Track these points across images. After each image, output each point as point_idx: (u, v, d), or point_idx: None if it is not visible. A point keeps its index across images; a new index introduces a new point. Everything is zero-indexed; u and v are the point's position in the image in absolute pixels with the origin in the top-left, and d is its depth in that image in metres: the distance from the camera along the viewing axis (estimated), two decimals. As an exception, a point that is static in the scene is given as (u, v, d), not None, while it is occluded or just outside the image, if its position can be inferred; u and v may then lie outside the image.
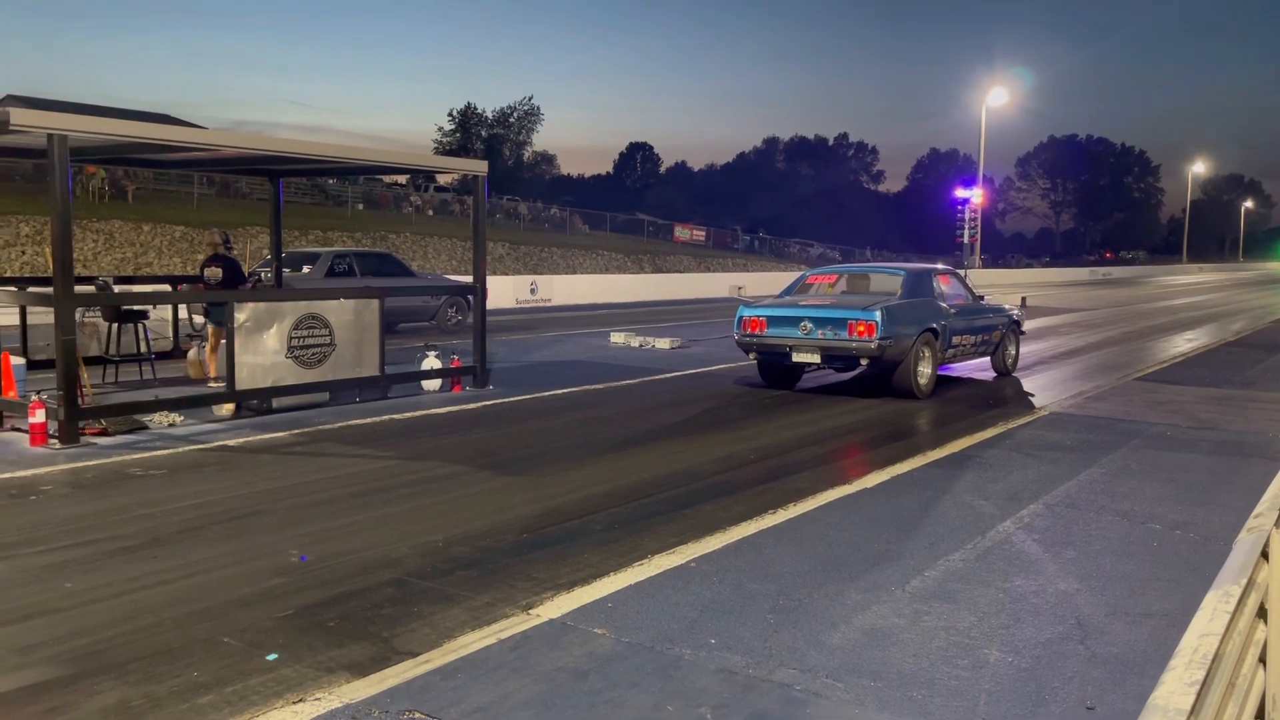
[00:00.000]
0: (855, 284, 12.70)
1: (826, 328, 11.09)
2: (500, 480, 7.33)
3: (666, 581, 5.04)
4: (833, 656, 4.16)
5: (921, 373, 11.43)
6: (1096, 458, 8.21)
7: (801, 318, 11.29)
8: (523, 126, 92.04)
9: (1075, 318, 26.64)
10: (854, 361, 11.22)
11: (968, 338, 12.55)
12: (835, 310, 11.19)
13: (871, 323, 10.81)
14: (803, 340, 11.21)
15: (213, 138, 9.63)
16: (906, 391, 11.30)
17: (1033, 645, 4.31)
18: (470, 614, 4.61)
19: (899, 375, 11.26)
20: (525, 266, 39.97)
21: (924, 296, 11.92)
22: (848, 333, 10.94)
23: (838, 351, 11.06)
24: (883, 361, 11.06)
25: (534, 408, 10.55)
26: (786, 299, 12.26)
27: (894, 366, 11.19)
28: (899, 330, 11.00)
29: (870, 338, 10.80)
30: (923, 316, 11.53)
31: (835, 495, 6.86)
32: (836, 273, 13.48)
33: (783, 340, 11.38)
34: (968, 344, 12.63)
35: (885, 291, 11.98)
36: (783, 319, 11.46)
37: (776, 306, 11.82)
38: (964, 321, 12.42)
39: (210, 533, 5.85)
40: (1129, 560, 5.53)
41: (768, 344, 11.56)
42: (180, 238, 29.52)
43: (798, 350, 11.28)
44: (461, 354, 12.18)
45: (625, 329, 18.23)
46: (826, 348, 11.08)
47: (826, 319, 11.13)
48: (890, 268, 13.12)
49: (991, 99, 43.62)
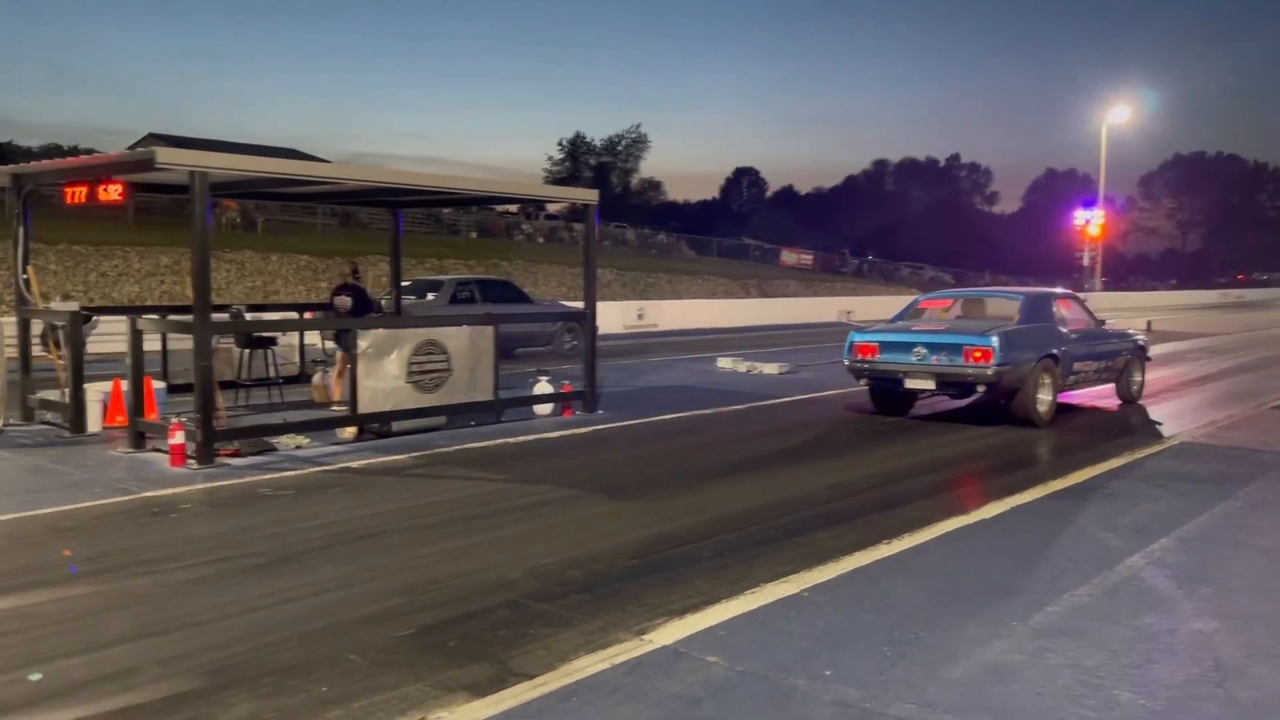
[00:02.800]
0: (971, 308, 12.47)
1: (941, 353, 10.85)
2: (611, 504, 7.40)
3: (779, 610, 5.01)
4: (951, 692, 4.06)
5: (1041, 400, 11.06)
6: (1232, 490, 7.82)
7: (915, 343, 11.08)
8: (630, 154, 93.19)
9: (1205, 343, 25.41)
10: (970, 388, 11.04)
11: (1090, 364, 12.14)
12: (950, 335, 10.97)
13: (989, 348, 10.53)
14: (916, 366, 11.02)
15: (338, 171, 10.06)
16: (1025, 420, 10.96)
17: (1166, 687, 4.13)
18: (584, 637, 4.66)
19: (1018, 403, 10.93)
20: (632, 292, 40.30)
21: (1043, 321, 11.61)
22: (963, 359, 10.69)
23: (953, 378, 10.85)
24: (1000, 388, 10.75)
25: (643, 432, 10.62)
26: (899, 324, 12.13)
27: (1012, 394, 10.86)
28: (1017, 356, 10.68)
29: (987, 364, 10.53)
30: (1042, 342, 11.18)
31: (952, 526, 6.70)
32: (951, 297, 13.25)
33: (895, 366, 11.20)
34: (1090, 370, 12.21)
35: (1002, 316, 11.69)
36: (896, 344, 11.27)
37: (889, 332, 11.68)
38: (1085, 347, 12.03)
39: (335, 552, 6.07)
40: (1270, 599, 5.24)
41: (880, 370, 11.37)
42: (305, 266, 30.78)
43: (910, 376, 11.09)
44: (572, 379, 12.35)
45: (732, 354, 18.20)
46: (941, 374, 10.87)
47: (941, 344, 10.90)
48: (1007, 292, 12.77)
49: (1113, 116, 42.14)
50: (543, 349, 19.06)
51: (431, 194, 12.14)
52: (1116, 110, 42.26)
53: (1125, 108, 42.62)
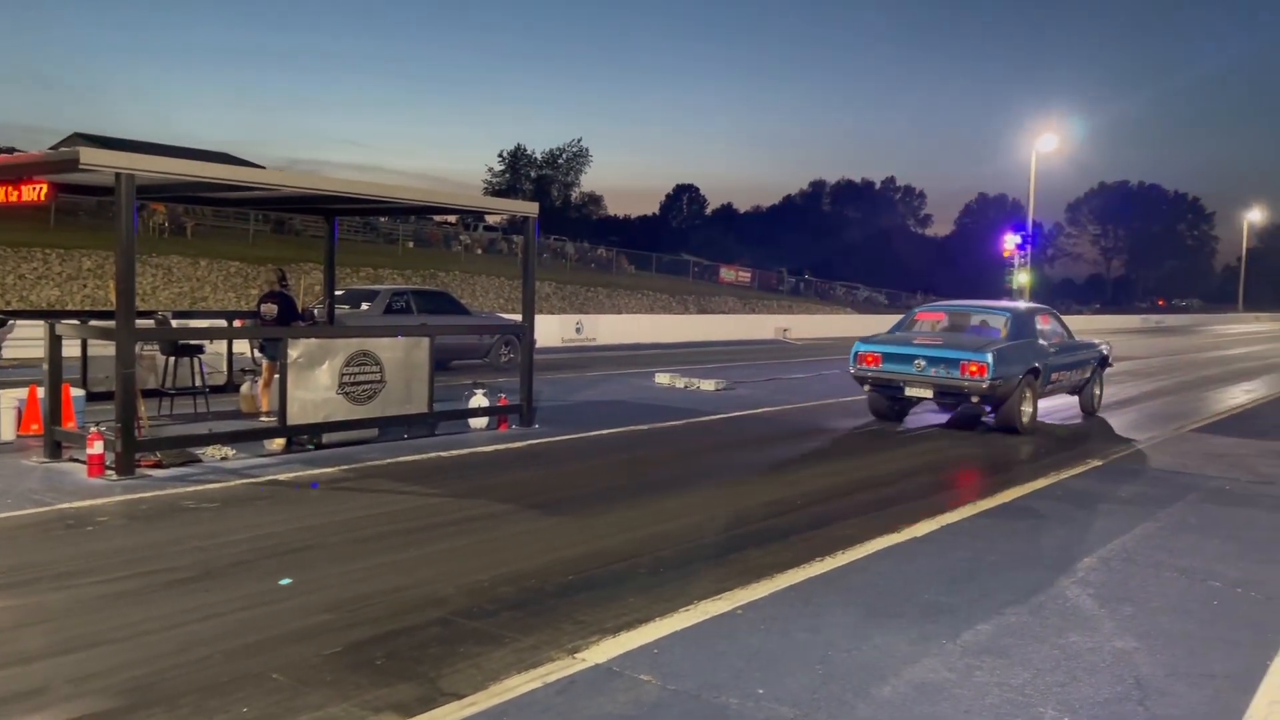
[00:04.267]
0: (961, 321, 13.32)
1: (940, 366, 11.67)
2: (545, 520, 7.34)
3: (713, 628, 5.00)
4: (882, 711, 4.08)
5: (1024, 411, 12.05)
6: (1153, 511, 8.03)
7: (915, 355, 11.88)
8: (571, 168, 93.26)
9: (1128, 366, 26.16)
10: (964, 398, 11.83)
11: (1064, 375, 13.19)
12: (948, 350, 11.77)
13: (984, 364, 11.39)
14: (916, 377, 11.81)
15: (273, 178, 9.87)
16: (1009, 427, 11.92)
17: (1090, 705, 4.20)
18: (516, 656, 4.60)
19: (1004, 412, 11.90)
20: (571, 306, 40.23)
21: (1028, 337, 12.57)
22: (960, 372, 11.53)
23: (950, 389, 11.69)
24: (993, 399, 11.70)
25: (579, 447, 10.57)
26: (899, 335, 12.95)
27: (1000, 403, 11.82)
28: (1007, 370, 11.59)
29: (982, 378, 11.39)
30: (1027, 356, 12.09)
31: (885, 544, 6.77)
32: (943, 310, 14.06)
33: (897, 376, 11.98)
34: (1063, 381, 13.29)
35: (992, 330, 12.73)
36: (898, 356, 12.05)
37: (891, 344, 12.41)
38: (1061, 359, 13.05)
39: (260, 567, 5.91)
40: (1189, 619, 5.38)
41: (882, 378, 12.18)
42: (235, 273, 30.16)
43: (911, 385, 11.91)
44: (508, 392, 12.25)
45: (670, 370, 18.24)
46: (939, 385, 11.71)
47: (940, 358, 11.71)
48: (996, 307, 13.66)
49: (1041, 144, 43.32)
50: (479, 361, 18.89)
51: (368, 202, 11.97)
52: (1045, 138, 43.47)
53: (1053, 136, 43.85)
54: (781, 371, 20.98)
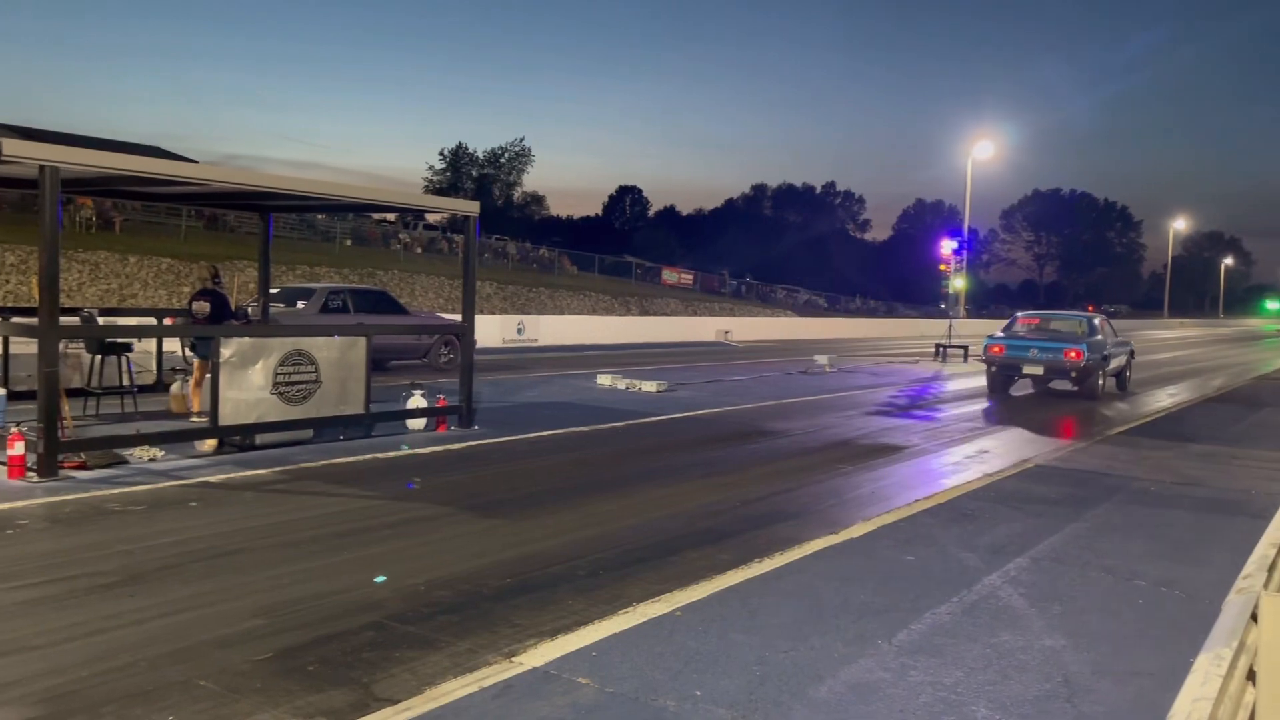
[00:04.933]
0: (1053, 324, 18.95)
1: (1048, 353, 17.24)
2: (484, 523, 7.27)
3: (651, 630, 4.99)
4: (817, 712, 4.11)
5: (1098, 384, 17.57)
6: (1081, 512, 8.22)
7: (1030, 345, 17.54)
8: (513, 167, 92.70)
9: (1058, 370, 26.77)
10: (1065, 374, 17.41)
11: (1116, 361, 18.77)
12: (1053, 342, 17.44)
13: (1081, 351, 17.05)
14: (1030, 359, 17.36)
15: (204, 172, 9.64)
16: (1090, 394, 17.58)
17: (1020, 703, 4.28)
18: (452, 660, 4.55)
19: (1088, 384, 17.49)
20: (513, 306, 40.00)
21: (1098, 334, 18.05)
22: (1064, 356, 17.10)
23: (1055, 367, 17.27)
24: (1082, 372, 17.14)
25: (519, 449, 10.51)
26: (1011, 332, 18.57)
27: (1087, 378, 17.30)
28: (1092, 356, 17.09)
29: (1079, 361, 16.98)
30: (1100, 347, 17.58)
31: (822, 545, 6.83)
32: (1038, 316, 19.81)
33: (1018, 360, 17.55)
34: (1113, 365, 18.53)
35: (1078, 330, 18.21)
36: (1017, 346, 17.69)
37: (1010, 339, 18.08)
38: (1114, 350, 18.55)
39: (189, 571, 5.77)
40: (1114, 618, 5.51)
41: (1006, 361, 17.73)
42: (166, 270, 29.44)
43: (1027, 365, 17.46)
44: (447, 393, 12.13)
45: (612, 371, 18.22)
46: (1048, 365, 17.27)
47: (1048, 347, 17.34)
48: (1075, 315, 20.13)
49: (977, 151, 44.20)
50: (418, 362, 18.68)
51: (304, 199, 11.76)
52: (981, 145, 44.35)
53: (989, 143, 44.76)
54: (723, 374, 21.09)
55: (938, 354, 29.24)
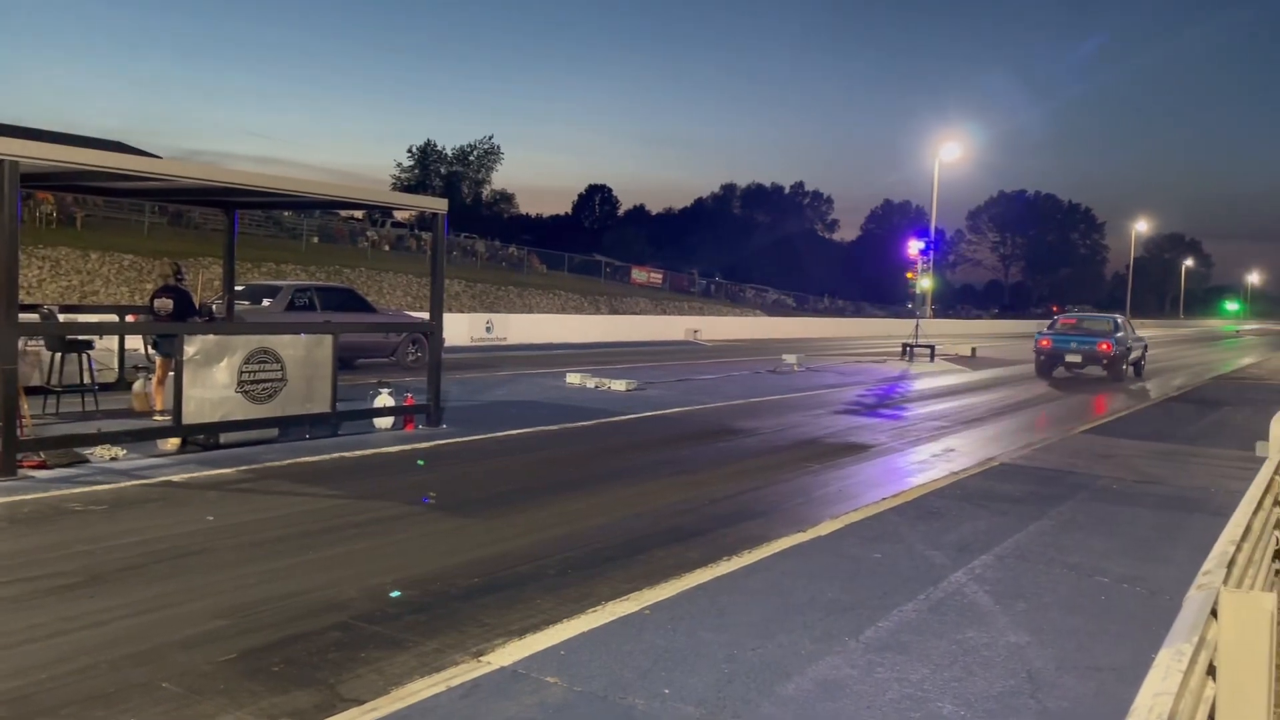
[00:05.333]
0: (1086, 324, 24.97)
1: (1086, 345, 22.69)
2: (451, 522, 7.23)
3: (620, 629, 4.99)
4: (785, 708, 4.13)
5: (1122, 369, 23.22)
6: (1045, 510, 8.32)
7: (1070, 340, 23.11)
8: (482, 165, 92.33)
9: (1024, 369, 27.08)
10: (1098, 361, 22.63)
11: (1134, 352, 24.30)
12: (1088, 337, 22.99)
13: (1110, 343, 22.54)
14: (1071, 350, 22.76)
15: (168, 168, 9.52)
16: (1117, 377, 22.96)
17: (984, 698, 4.32)
18: (419, 660, 4.52)
19: (1115, 369, 22.91)
20: (481, 304, 39.83)
21: (1122, 331, 23.61)
22: (1097, 348, 22.50)
23: (1091, 356, 22.58)
24: (1111, 361, 22.59)
25: (487, 448, 10.46)
26: (1054, 329, 24.29)
27: (1114, 365, 22.77)
28: (1119, 348, 22.62)
29: (1110, 351, 22.48)
30: (1124, 341, 23.24)
31: (790, 543, 6.85)
32: (1075, 318, 26.59)
33: (1061, 350, 22.92)
34: (1131, 355, 23.99)
35: (1107, 328, 23.76)
36: (1060, 340, 23.19)
37: (1055, 334, 23.69)
38: (1133, 344, 24.25)
39: (151, 572, 5.69)
40: (1078, 614, 5.58)
41: (1052, 352, 23.06)
42: (129, 266, 29.03)
43: (1069, 354, 22.75)
44: (415, 392, 12.05)
45: (581, 370, 18.19)
46: (1085, 354, 22.63)
47: (1085, 341, 22.86)
48: (1104, 316, 27.02)
49: (944, 153, 44.56)
50: (385, 360, 18.56)
51: (269, 196, 11.65)
52: (948, 147, 44.72)
53: (956, 145, 45.14)
54: (692, 372, 21.12)
55: (905, 353, 29.47)
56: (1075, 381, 22.90)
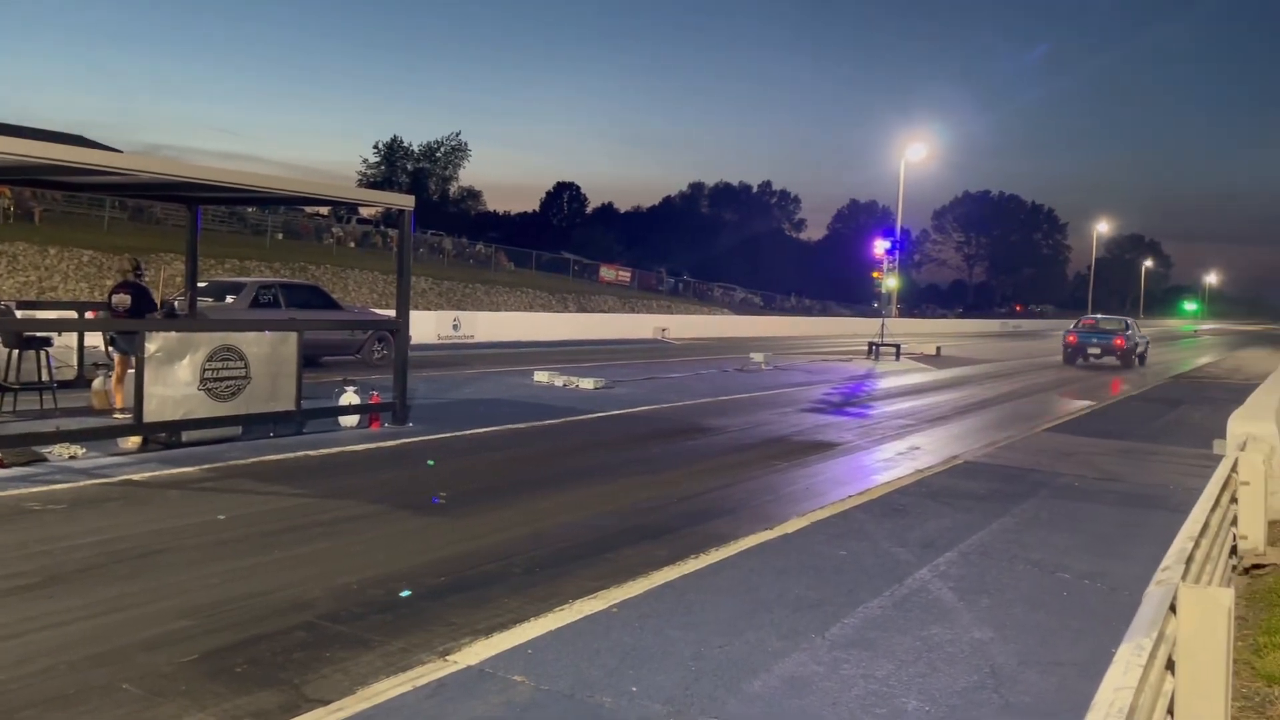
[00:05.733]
0: (1103, 325, 30.69)
1: (1104, 341, 28.68)
2: (418, 521, 7.19)
3: (587, 627, 4.99)
4: (752, 705, 4.15)
5: (1133, 360, 28.88)
6: (1008, 507, 8.41)
7: (1092, 336, 29.03)
8: (449, 161, 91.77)
9: (988, 368, 27.40)
10: (1114, 353, 28.34)
11: (1140, 347, 30.27)
12: (1107, 334, 29.12)
13: (1124, 339, 28.55)
14: (1092, 344, 28.56)
15: (129, 162, 9.38)
16: (1128, 366, 28.36)
17: (948, 694, 4.37)
18: (385, 660, 4.49)
19: (1126, 360, 28.45)
20: (448, 302, 39.62)
21: (1131, 330, 29.44)
22: (1113, 343, 28.47)
23: (1108, 349, 28.37)
24: (1123, 352, 28.18)
25: (454, 446, 10.41)
26: (1079, 328, 30.25)
27: (1126, 356, 28.29)
28: (1129, 343, 28.50)
29: (1123, 346, 28.34)
30: (1133, 338, 29.09)
31: (758, 540, 6.88)
32: (1094, 319, 32.58)
33: (1084, 344, 28.75)
34: (1139, 349, 29.96)
35: (1120, 328, 29.79)
36: (1084, 336, 29.10)
37: (1080, 332, 29.58)
38: (1140, 340, 30.08)
39: (112, 572, 5.61)
40: (1040, 609, 5.65)
41: (1078, 345, 28.90)
42: (89, 262, 28.58)
43: (1090, 347, 28.47)
44: (381, 389, 11.97)
45: (549, 368, 18.15)
46: (1103, 348, 28.41)
47: (1104, 337, 28.96)
48: (1116, 318, 33.22)
49: (910, 153, 44.95)
50: (352, 358, 18.41)
51: (232, 191, 11.50)
52: (914, 147, 45.09)
53: (922, 145, 45.53)
54: (660, 371, 21.15)
55: (870, 352, 29.69)
56: (1038, 381, 23.17)
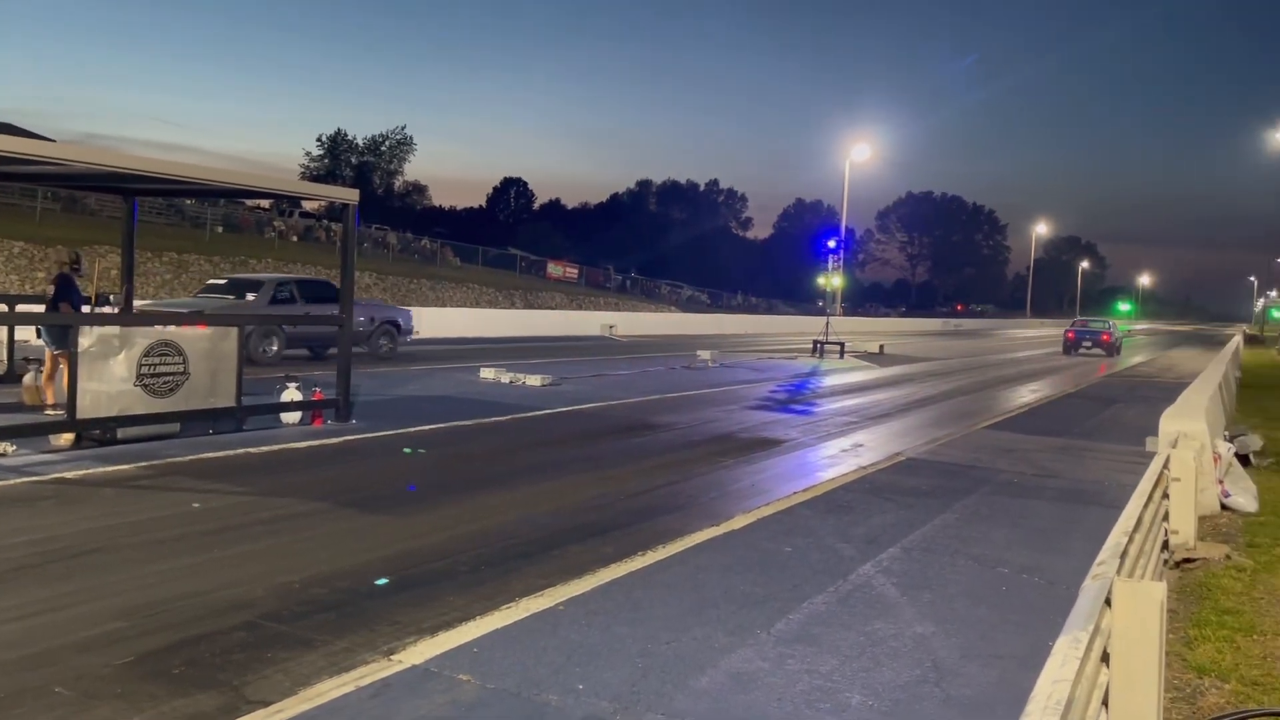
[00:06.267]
0: (1093, 324, 42.09)
1: (1095, 334, 39.66)
2: (362, 519, 7.10)
3: (534, 625, 4.97)
4: (699, 701, 4.16)
5: (1117, 350, 38.89)
6: (950, 503, 8.55)
7: (1087, 330, 40.46)
8: (394, 155, 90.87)
9: (929, 366, 27.82)
10: (1101, 345, 38.57)
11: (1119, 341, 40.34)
12: (1096, 331, 40.09)
13: (1109, 334, 39.60)
14: (1086, 337, 39.41)
15: (62, 151, 9.13)
16: (1111, 355, 37.89)
17: (891, 688, 4.42)
18: (328, 660, 4.43)
19: (1110, 350, 38.34)
20: (393, 297, 39.18)
21: (1112, 328, 40.81)
22: (1102, 336, 39.23)
23: (1096, 342, 38.90)
24: (1110, 345, 38.58)
25: (399, 444, 10.30)
26: (1074, 325, 41.61)
27: (1110, 347, 38.50)
28: (1114, 337, 39.67)
29: (1111, 340, 39.14)
30: (1114, 333, 40.28)
31: (704, 537, 6.91)
32: (1085, 320, 46.24)
33: (1080, 338, 39.41)
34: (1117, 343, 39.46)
35: (1105, 325, 41.41)
36: (1080, 332, 39.99)
37: (1076, 329, 40.75)
38: (1119, 336, 41.12)
39: (45, 572, 5.45)
40: (981, 604, 5.75)
41: (1076, 339, 39.15)
42: (19, 254, 27.79)
43: (1084, 340, 39.00)
44: (324, 386, 11.80)
45: (496, 365, 18.04)
46: (1093, 340, 38.96)
47: (1093, 333, 39.84)
48: (1100, 319, 46.79)
49: (855, 153, 45.45)
50: (360, 350, 18.39)
51: (170, 183, 11.23)
52: (859, 148, 45.59)
53: (866, 146, 46.05)
54: (608, 368, 21.14)
55: (815, 350, 29.98)
56: (981, 379, 23.56)
